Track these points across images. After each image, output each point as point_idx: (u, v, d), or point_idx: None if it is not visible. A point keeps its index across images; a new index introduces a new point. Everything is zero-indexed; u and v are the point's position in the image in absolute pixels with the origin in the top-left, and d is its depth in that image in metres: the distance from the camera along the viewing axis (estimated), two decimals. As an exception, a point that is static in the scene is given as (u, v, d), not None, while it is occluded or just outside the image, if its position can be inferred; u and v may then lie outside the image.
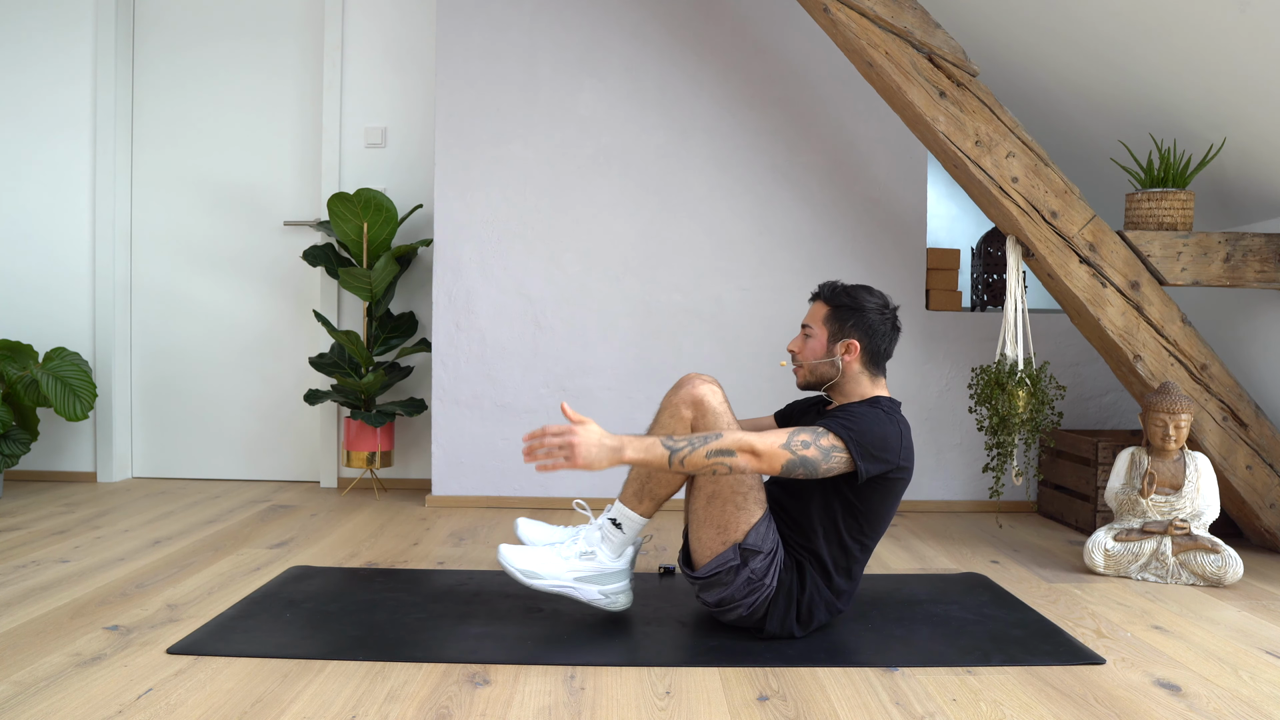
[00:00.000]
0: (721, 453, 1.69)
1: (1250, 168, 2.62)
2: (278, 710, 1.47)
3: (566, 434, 1.65)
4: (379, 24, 3.49)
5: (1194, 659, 1.78)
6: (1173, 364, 2.57)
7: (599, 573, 1.89)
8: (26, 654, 1.70)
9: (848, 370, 1.89)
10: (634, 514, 1.88)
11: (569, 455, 1.64)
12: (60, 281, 3.55)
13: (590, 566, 1.88)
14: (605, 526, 1.90)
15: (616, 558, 1.89)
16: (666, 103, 3.19)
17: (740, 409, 3.18)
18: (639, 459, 1.68)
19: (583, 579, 1.88)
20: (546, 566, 1.88)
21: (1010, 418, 2.52)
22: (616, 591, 1.90)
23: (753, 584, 1.80)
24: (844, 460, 1.74)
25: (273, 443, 3.60)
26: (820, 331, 1.91)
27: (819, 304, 1.94)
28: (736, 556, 1.79)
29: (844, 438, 1.73)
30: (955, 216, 3.95)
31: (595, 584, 1.89)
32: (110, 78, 3.48)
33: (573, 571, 1.88)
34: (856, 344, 1.88)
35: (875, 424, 1.77)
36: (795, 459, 1.71)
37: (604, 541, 1.89)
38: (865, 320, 1.89)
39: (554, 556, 1.89)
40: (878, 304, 1.91)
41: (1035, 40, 2.79)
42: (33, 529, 2.72)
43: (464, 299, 3.19)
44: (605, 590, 1.89)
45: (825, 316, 1.91)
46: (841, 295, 1.91)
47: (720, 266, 3.20)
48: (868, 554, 1.88)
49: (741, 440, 1.69)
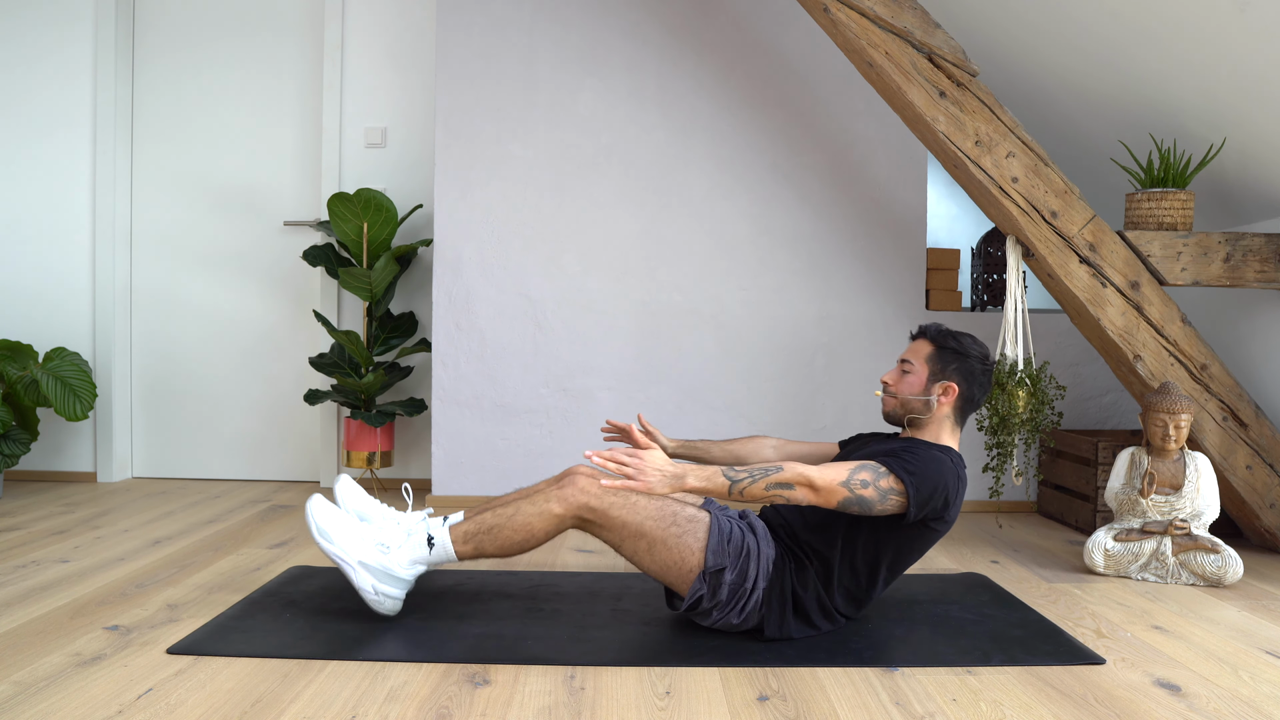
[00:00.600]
0: (781, 485, 1.68)
1: (1250, 168, 2.62)
2: (278, 710, 1.47)
3: (635, 458, 1.67)
4: (379, 23, 3.49)
5: (1194, 659, 1.78)
6: (1173, 364, 2.57)
7: (384, 570, 1.84)
8: (26, 654, 1.70)
9: (938, 412, 1.89)
10: (452, 549, 1.85)
11: (633, 475, 1.66)
12: (60, 281, 3.55)
13: (379, 559, 1.84)
14: (417, 536, 1.85)
15: (409, 567, 1.85)
16: (666, 102, 3.19)
17: (740, 409, 3.18)
18: (700, 487, 1.69)
19: (365, 565, 1.83)
20: (341, 534, 1.83)
21: (1010, 418, 2.52)
22: (388, 595, 1.86)
23: (736, 594, 1.79)
24: (899, 504, 1.73)
25: (273, 443, 3.60)
26: (921, 369, 1.91)
27: (923, 341, 1.94)
28: (704, 584, 1.78)
29: (905, 482, 1.72)
30: (955, 216, 3.95)
31: (374, 577, 1.84)
32: (110, 76, 3.48)
33: (360, 553, 1.83)
34: (955, 388, 1.88)
35: (937, 474, 1.75)
36: (852, 497, 1.70)
37: (407, 546, 1.85)
38: (968, 367, 1.90)
39: (354, 529, 1.85)
40: (981, 354, 1.91)
41: (1035, 40, 2.79)
42: (33, 529, 2.72)
43: (464, 299, 3.19)
44: (379, 589, 1.85)
45: (929, 355, 1.91)
46: (949, 338, 1.92)
47: (720, 266, 3.20)
48: (875, 590, 1.85)
49: (801, 474, 1.68)
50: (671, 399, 3.19)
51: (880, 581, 1.85)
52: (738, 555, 1.80)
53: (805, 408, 3.20)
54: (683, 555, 1.79)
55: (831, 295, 3.21)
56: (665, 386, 3.19)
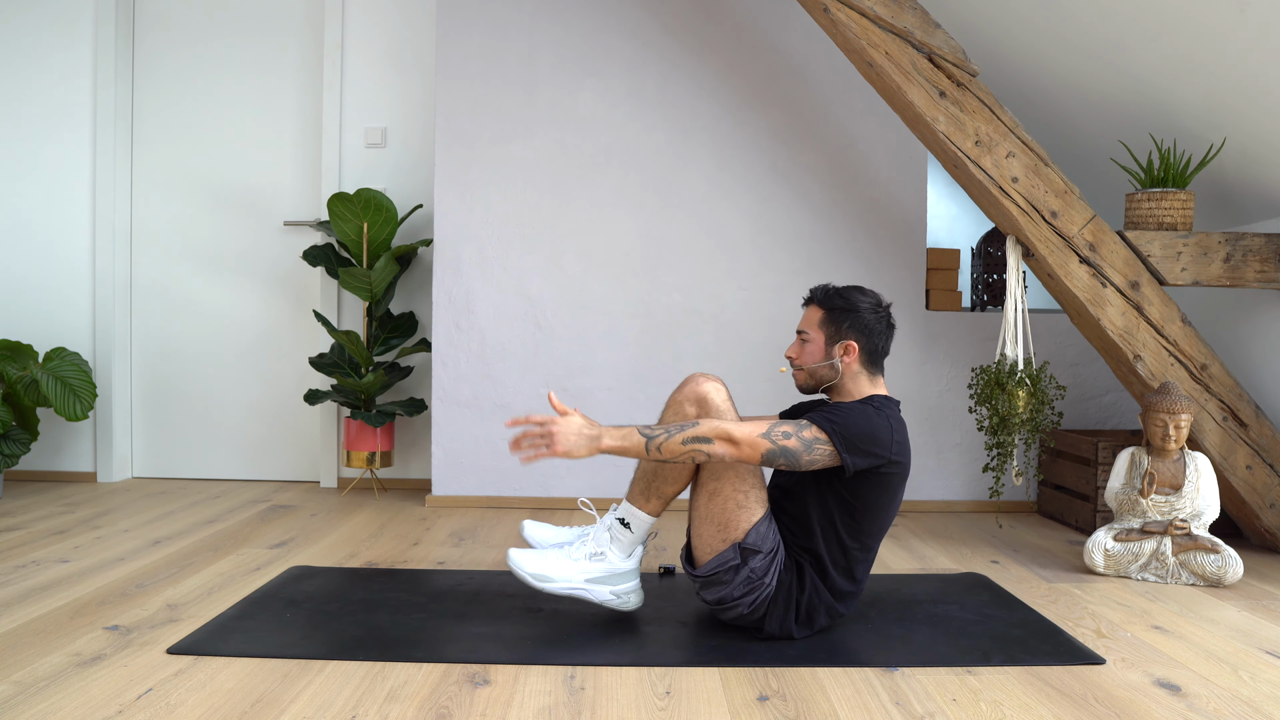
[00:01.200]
0: (698, 439, 1.71)
1: (1250, 168, 2.62)
2: (278, 710, 1.47)
3: (548, 423, 1.70)
4: (379, 24, 3.49)
5: (1194, 659, 1.78)
6: (1173, 364, 2.57)
7: (610, 573, 1.89)
8: (26, 654, 1.70)
9: (847, 371, 1.90)
10: (641, 513, 1.89)
11: (549, 443, 1.69)
12: (60, 281, 3.55)
13: (601, 568, 1.89)
14: (614, 527, 1.90)
15: (626, 557, 1.90)
16: (667, 102, 3.19)
17: (742, 409, 3.17)
18: (616, 446, 1.72)
19: (594, 580, 1.89)
20: (557, 570, 1.88)
21: (1010, 418, 2.52)
22: (628, 591, 1.90)
23: (752, 583, 1.80)
24: (828, 453, 1.75)
25: (273, 443, 3.60)
26: (817, 335, 1.91)
27: (813, 308, 1.95)
28: (736, 555, 1.80)
29: (827, 430, 1.75)
30: (955, 216, 3.95)
31: (607, 585, 1.89)
32: (110, 77, 3.48)
33: (584, 573, 1.88)
34: (854, 345, 1.89)
35: (861, 418, 1.78)
36: (775, 449, 1.72)
37: (613, 542, 1.90)
38: (861, 320, 1.89)
39: (564, 559, 1.89)
40: (871, 303, 1.91)
41: (1035, 40, 2.79)
42: (33, 529, 2.72)
43: (464, 299, 3.19)
44: (617, 590, 1.90)
45: (820, 320, 1.92)
46: (835, 298, 1.91)
47: (720, 266, 3.20)
48: (869, 555, 1.87)
49: (719, 428, 1.71)
50: (671, 399, 3.19)
51: (870, 545, 1.87)
52: (772, 549, 1.82)
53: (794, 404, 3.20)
54: (733, 518, 1.81)
55: (831, 295, 3.20)
56: (665, 386, 3.19)
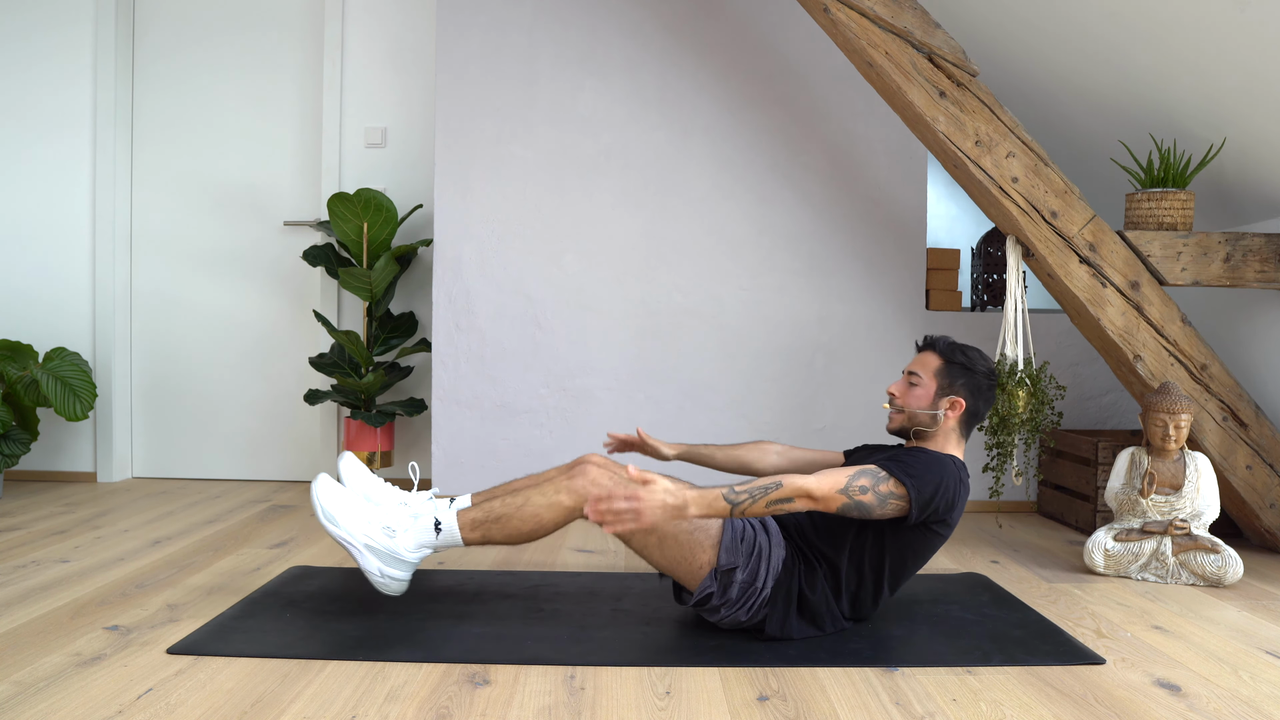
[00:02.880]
0: (781, 500, 1.68)
1: (1250, 168, 2.62)
2: (278, 710, 1.47)
3: (632, 499, 1.61)
4: (379, 23, 3.49)
5: (1194, 659, 1.78)
6: (1173, 364, 2.57)
7: (390, 553, 1.85)
8: (26, 654, 1.70)
9: (944, 425, 1.90)
10: (459, 534, 1.85)
11: (634, 518, 1.62)
12: (60, 281, 3.55)
13: (385, 542, 1.84)
14: (424, 520, 1.86)
15: (414, 550, 1.86)
16: (667, 102, 3.19)
17: (740, 409, 3.18)
18: (702, 514, 1.66)
19: (372, 548, 1.84)
20: (347, 517, 1.84)
21: (1010, 418, 2.52)
22: (394, 578, 1.87)
23: (746, 592, 1.79)
24: (900, 507, 1.74)
25: (273, 443, 3.60)
26: (929, 383, 1.91)
27: (931, 355, 1.94)
28: (715, 583, 1.79)
29: (906, 485, 1.73)
30: (955, 216, 3.95)
31: (379, 559, 1.85)
32: (110, 77, 3.48)
33: (367, 537, 1.84)
34: (962, 403, 1.89)
35: (940, 472, 1.76)
36: (851, 503, 1.71)
37: (413, 530, 1.86)
38: (975, 382, 1.90)
39: (360, 512, 1.85)
40: (988, 369, 1.92)
41: (1035, 40, 2.79)
42: (33, 529, 2.72)
43: (464, 299, 3.19)
44: (385, 571, 1.85)
45: (937, 370, 1.91)
46: (957, 352, 1.92)
47: (720, 266, 3.20)
48: (880, 596, 1.87)
49: (800, 486, 1.68)
50: (671, 399, 3.19)
51: (884, 587, 1.86)
52: (749, 555, 1.80)
53: (805, 408, 3.20)
54: (693, 551, 1.79)
55: (831, 295, 3.21)
56: (665, 386, 3.19)
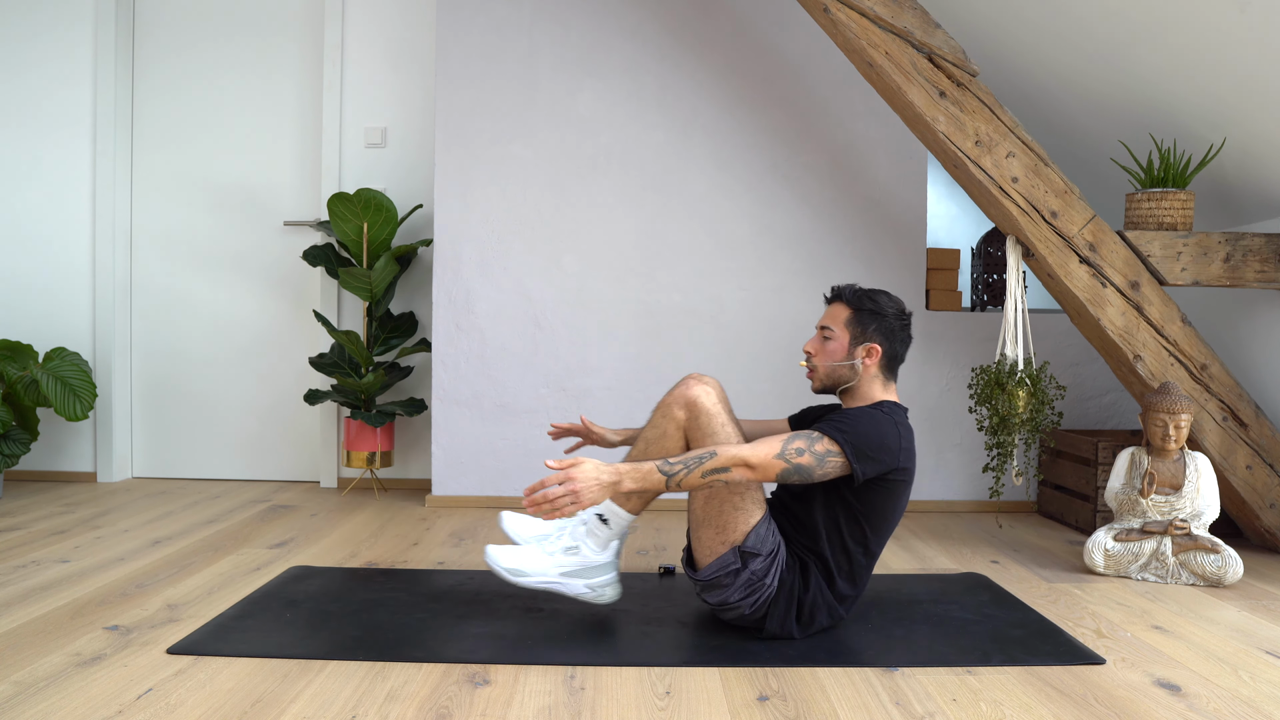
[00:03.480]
0: (716, 470, 1.70)
1: (1250, 168, 2.62)
2: (278, 710, 1.47)
3: (566, 482, 1.66)
4: (379, 24, 3.49)
5: (1194, 659, 1.78)
6: (1173, 364, 2.57)
7: (584, 566, 1.88)
8: (26, 654, 1.70)
9: (865, 374, 1.90)
10: (621, 510, 1.88)
11: (573, 500, 1.66)
12: (60, 281, 3.55)
13: (575, 561, 1.88)
14: (591, 521, 1.89)
15: (601, 551, 1.89)
16: (666, 102, 3.19)
17: (741, 410, 3.18)
18: (637, 488, 1.71)
19: (568, 574, 1.88)
20: (532, 564, 1.88)
21: (1010, 418, 2.52)
22: (603, 585, 1.90)
23: (753, 585, 1.80)
24: (839, 464, 1.75)
25: (273, 443, 3.60)
26: (841, 334, 1.90)
27: (840, 306, 1.93)
28: (736, 559, 1.80)
29: (839, 440, 1.74)
30: (955, 216, 3.95)
31: (581, 578, 1.88)
32: (110, 78, 3.48)
33: (559, 567, 1.88)
34: (878, 348, 1.88)
35: (872, 425, 1.78)
36: (790, 467, 1.72)
37: (589, 536, 1.89)
38: (887, 324, 1.89)
39: (539, 553, 1.89)
40: (897, 309, 1.91)
41: (1035, 40, 2.79)
42: (33, 529, 2.72)
43: (464, 299, 3.19)
44: (592, 584, 1.89)
45: (847, 320, 1.91)
46: (864, 299, 1.91)
47: (720, 266, 3.20)
48: (872, 559, 1.87)
49: (735, 455, 1.70)
50: (671, 399, 3.19)
51: (873, 550, 1.86)
52: (772, 552, 1.82)
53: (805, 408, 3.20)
54: (732, 520, 1.81)
55: (831, 295, 3.20)
56: (665, 386, 3.19)
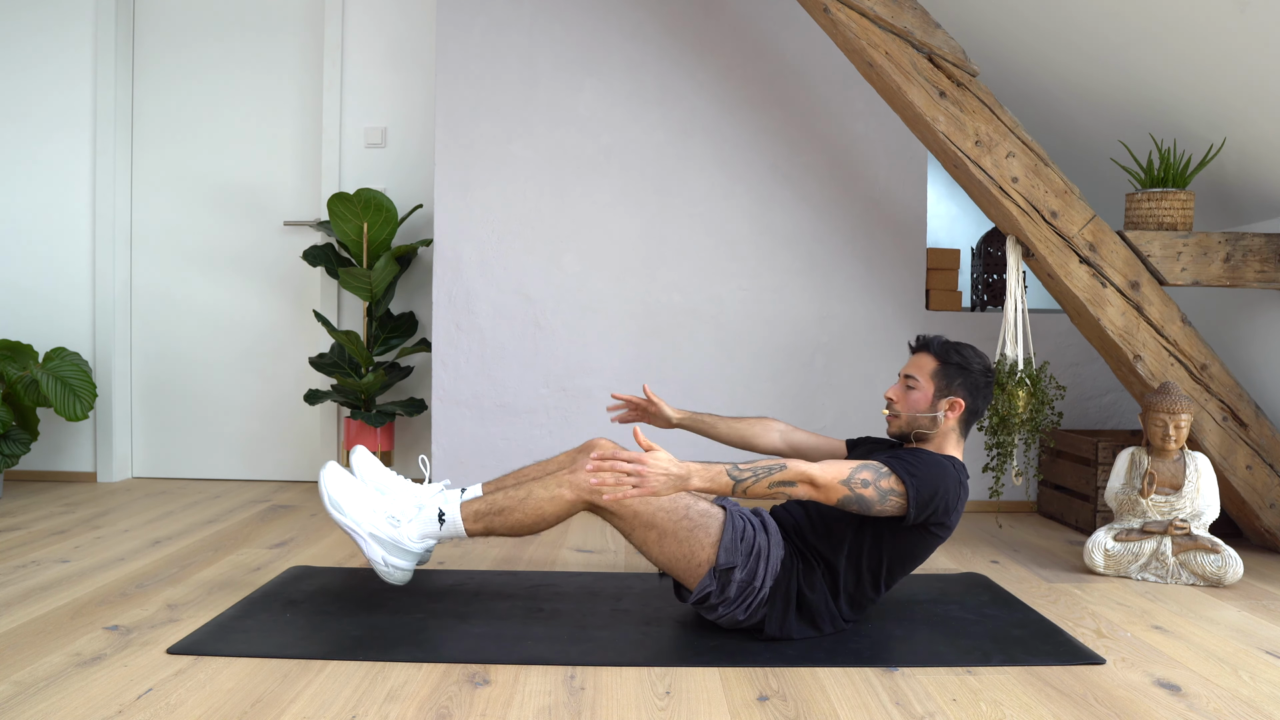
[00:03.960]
0: (784, 484, 1.69)
1: (1250, 168, 2.62)
2: (278, 710, 1.47)
3: (636, 461, 1.65)
4: (379, 23, 3.49)
5: (1194, 659, 1.78)
6: (1173, 364, 2.57)
7: (393, 541, 1.87)
8: (26, 654, 1.70)
9: (943, 426, 1.89)
10: (463, 525, 1.87)
11: (637, 483, 1.65)
12: (60, 281, 3.55)
13: (389, 531, 1.87)
14: (429, 510, 1.87)
15: (417, 540, 1.88)
16: (667, 102, 3.19)
17: (740, 409, 3.18)
18: (704, 488, 1.68)
19: (375, 537, 1.87)
20: (353, 505, 1.87)
21: (1010, 418, 2.52)
22: (397, 567, 1.89)
23: (744, 592, 1.79)
24: (899, 505, 1.73)
25: (273, 443, 3.60)
26: (927, 385, 1.89)
27: (926, 357, 1.92)
28: (714, 582, 1.78)
29: (906, 483, 1.72)
30: (955, 216, 3.95)
31: (383, 549, 1.87)
32: (110, 77, 3.48)
33: (371, 525, 1.87)
34: (961, 403, 1.88)
35: (939, 475, 1.76)
36: (852, 496, 1.71)
37: (417, 520, 1.87)
38: (973, 381, 1.89)
39: (366, 501, 1.88)
40: (984, 366, 1.91)
41: (1035, 41, 2.79)
42: (33, 529, 2.72)
43: (464, 299, 3.19)
44: (389, 560, 1.88)
45: (934, 371, 1.89)
46: (952, 352, 1.90)
47: (720, 266, 3.20)
48: (879, 594, 1.87)
49: (804, 472, 1.69)
50: (671, 399, 3.19)
51: (882, 585, 1.86)
52: (749, 554, 1.80)
53: (805, 408, 3.20)
54: (693, 549, 1.79)
55: (831, 295, 3.21)
56: (665, 386, 3.19)
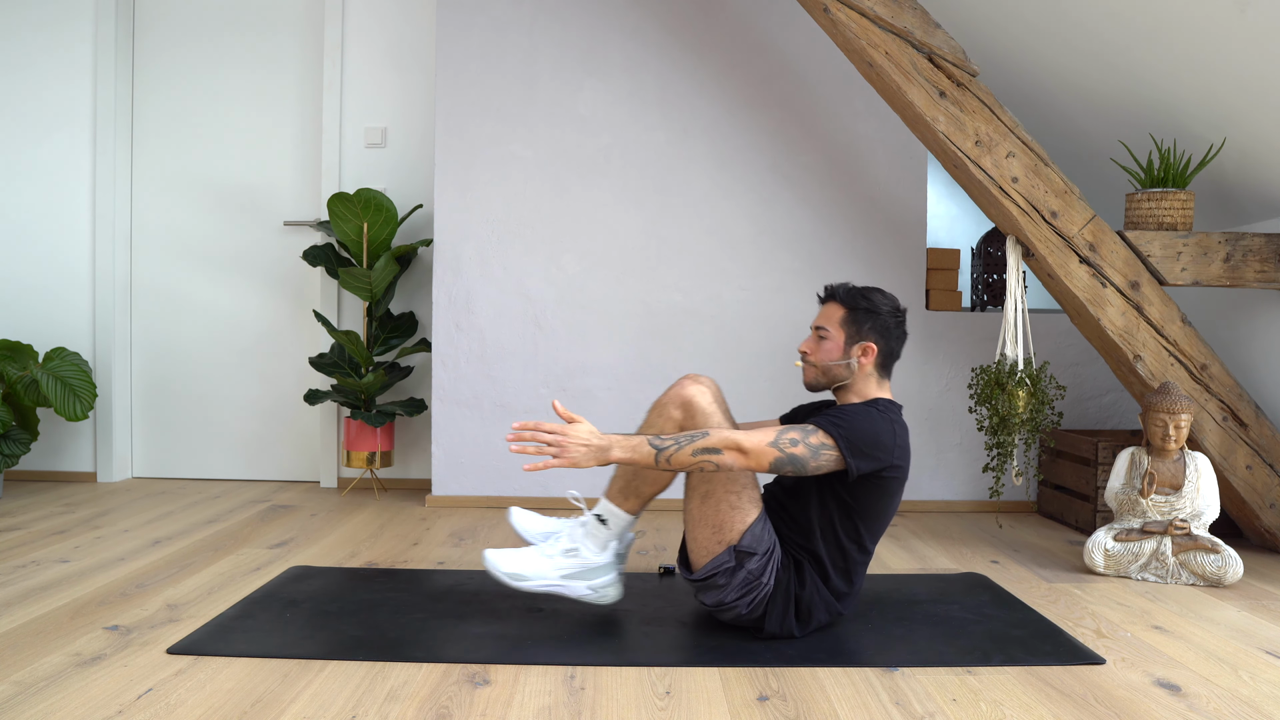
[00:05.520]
0: (708, 450, 1.71)
1: (1250, 168, 2.62)
2: (278, 710, 1.47)
3: (556, 432, 1.69)
4: (379, 23, 3.49)
5: (1194, 659, 1.78)
6: (1173, 364, 2.57)
7: (584, 568, 1.89)
8: (26, 654, 1.70)
9: (860, 372, 1.90)
10: (619, 510, 1.89)
11: (556, 454, 1.69)
12: (60, 281, 3.54)
13: (575, 563, 1.89)
14: (590, 522, 1.90)
15: (600, 551, 1.90)
16: (667, 102, 3.19)
17: (741, 410, 3.18)
18: (626, 458, 1.72)
19: (569, 576, 1.89)
20: (532, 567, 1.88)
21: (1010, 418, 2.52)
22: (604, 585, 1.90)
23: (749, 584, 1.80)
24: (834, 458, 1.74)
25: (273, 443, 3.60)
26: (837, 333, 1.90)
27: (834, 305, 1.93)
28: (731, 558, 1.80)
29: (833, 434, 1.74)
30: (955, 216, 3.95)
31: (582, 580, 1.89)
32: (110, 75, 3.48)
33: (558, 569, 1.88)
34: (873, 347, 1.88)
35: (867, 421, 1.78)
36: (783, 456, 1.72)
37: (588, 537, 1.90)
38: (882, 322, 1.89)
39: (538, 556, 1.90)
40: (891, 307, 1.91)
41: (1035, 41, 2.79)
42: (33, 529, 2.72)
43: (464, 299, 3.19)
44: (593, 585, 1.90)
45: (842, 319, 1.90)
46: (858, 297, 1.91)
47: (720, 266, 3.20)
48: (867, 556, 1.87)
49: (728, 438, 1.71)
50: (671, 399, 3.19)
51: (867, 546, 1.87)
52: (767, 551, 1.82)
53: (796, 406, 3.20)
54: (727, 520, 1.80)
55: (831, 295, 3.20)
56: (665, 386, 3.19)
